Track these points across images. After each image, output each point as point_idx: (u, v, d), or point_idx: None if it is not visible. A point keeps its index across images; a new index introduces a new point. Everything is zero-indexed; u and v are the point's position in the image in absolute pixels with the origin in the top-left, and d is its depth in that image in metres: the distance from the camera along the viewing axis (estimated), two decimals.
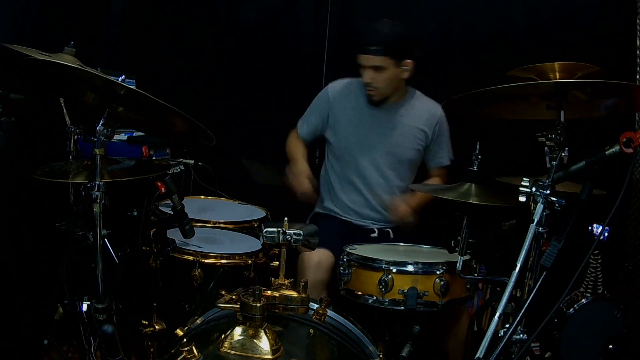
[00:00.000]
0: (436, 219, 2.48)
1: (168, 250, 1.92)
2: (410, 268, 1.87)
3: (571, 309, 2.12)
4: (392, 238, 2.40)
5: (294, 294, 1.43)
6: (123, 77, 1.52)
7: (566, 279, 1.40)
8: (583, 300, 2.15)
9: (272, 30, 3.12)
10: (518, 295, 1.60)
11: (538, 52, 2.54)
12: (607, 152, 1.47)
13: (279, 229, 1.47)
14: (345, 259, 1.96)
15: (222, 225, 2.30)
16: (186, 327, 1.57)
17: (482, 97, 1.63)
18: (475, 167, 1.89)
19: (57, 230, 1.92)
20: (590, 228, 2.05)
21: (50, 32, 2.57)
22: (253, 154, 3.17)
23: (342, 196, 2.49)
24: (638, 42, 2.44)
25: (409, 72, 2.32)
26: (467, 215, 1.84)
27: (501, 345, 1.35)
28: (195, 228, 1.90)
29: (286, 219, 1.49)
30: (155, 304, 1.74)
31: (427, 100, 2.46)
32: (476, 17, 2.84)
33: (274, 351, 1.34)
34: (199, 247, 2.01)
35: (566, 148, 1.50)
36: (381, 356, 1.53)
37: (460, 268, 1.83)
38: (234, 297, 1.46)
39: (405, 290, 1.84)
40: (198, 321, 1.61)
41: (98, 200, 1.54)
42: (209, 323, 1.58)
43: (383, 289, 1.85)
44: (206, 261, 1.97)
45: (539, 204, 1.43)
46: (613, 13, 2.60)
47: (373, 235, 2.42)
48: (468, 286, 1.94)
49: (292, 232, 1.47)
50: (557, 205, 1.43)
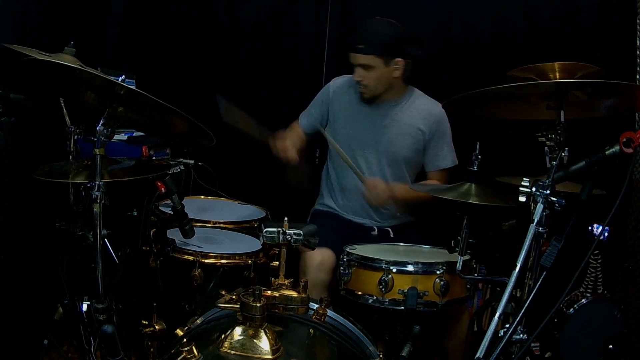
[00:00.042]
0: (436, 219, 2.49)
1: (168, 250, 1.92)
2: (410, 268, 1.87)
3: (571, 309, 2.12)
4: (392, 237, 2.40)
5: (294, 294, 1.43)
6: (123, 77, 1.52)
7: (566, 279, 1.40)
8: (583, 300, 2.15)
9: (272, 30, 3.12)
10: (518, 295, 1.59)
11: (538, 52, 2.54)
12: (607, 152, 1.47)
13: (279, 229, 1.47)
14: (345, 259, 1.96)
15: (222, 225, 2.30)
16: (186, 327, 1.57)
17: (482, 97, 1.62)
18: (475, 167, 1.89)
19: (57, 230, 1.92)
20: (590, 228, 2.05)
21: (50, 32, 2.57)
22: (253, 153, 3.18)
23: (341, 193, 2.50)
24: (638, 42, 2.44)
25: (401, 71, 2.31)
26: (467, 215, 1.84)
27: (501, 345, 1.35)
28: (195, 228, 1.90)
29: (286, 219, 1.50)
30: (155, 304, 1.74)
31: (427, 99, 2.45)
32: (476, 17, 2.83)
33: (274, 351, 1.34)
34: (199, 247, 2.01)
35: (566, 148, 1.50)
36: (381, 356, 1.53)
37: (460, 268, 1.83)
38: (234, 297, 1.46)
39: (405, 290, 1.84)
40: (198, 321, 1.61)
41: (98, 200, 1.54)
42: (209, 323, 1.58)
43: (383, 289, 1.85)
44: (206, 261, 1.97)
45: (539, 204, 1.43)
46: (613, 13, 2.60)
47: (373, 234, 2.42)
48: (468, 286, 1.94)
49: (292, 232, 1.47)
50: (557, 205, 1.43)
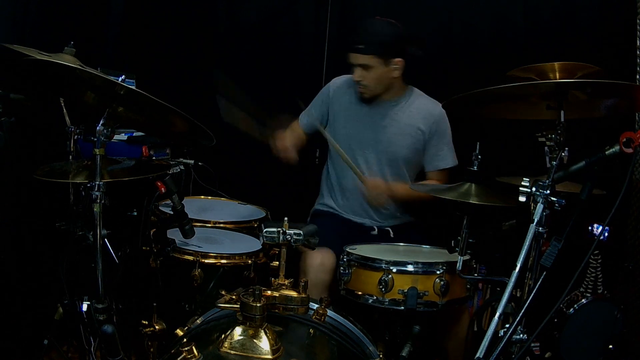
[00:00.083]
0: (436, 219, 2.48)
1: (168, 250, 1.92)
2: (410, 268, 1.87)
3: (571, 309, 2.12)
4: (392, 237, 2.40)
5: (294, 294, 1.43)
6: (123, 77, 1.52)
7: (566, 279, 1.40)
8: (583, 300, 2.15)
9: (272, 30, 3.12)
10: (518, 295, 1.59)
11: (538, 52, 2.54)
12: (607, 152, 1.47)
13: (279, 229, 1.47)
14: (345, 259, 1.96)
15: (222, 225, 2.30)
16: (186, 327, 1.57)
17: (482, 97, 1.62)
18: (475, 167, 1.89)
19: (57, 230, 1.92)
20: (590, 228, 2.05)
21: (50, 32, 2.58)
22: (253, 153, 3.18)
23: (341, 193, 2.50)
24: (638, 42, 2.44)
25: (400, 71, 2.31)
26: (467, 215, 1.84)
27: (501, 345, 1.35)
28: (195, 228, 1.90)
29: (286, 219, 1.50)
30: (155, 304, 1.74)
31: (427, 99, 2.44)
32: (476, 17, 2.83)
33: (274, 351, 1.34)
34: (199, 247, 2.01)
35: (566, 148, 1.50)
36: (381, 356, 1.53)
37: (460, 268, 1.83)
38: (234, 297, 1.46)
39: (405, 290, 1.84)
40: (198, 321, 1.61)
41: (98, 200, 1.54)
42: (209, 323, 1.58)
43: (383, 289, 1.85)
44: (206, 261, 1.97)
45: (539, 204, 1.43)
46: (613, 13, 2.60)
47: (373, 233, 2.42)
48: (468, 286, 1.94)
49: (292, 232, 1.47)
50: (557, 205, 1.43)
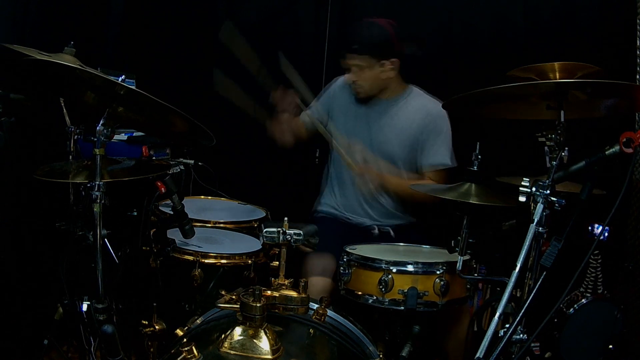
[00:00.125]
0: (436, 219, 2.48)
1: (168, 250, 1.92)
2: (410, 268, 1.87)
3: (571, 309, 2.12)
4: (392, 237, 2.40)
5: (294, 294, 1.43)
6: (123, 77, 1.52)
7: (566, 279, 1.40)
8: (583, 300, 2.15)
9: (272, 30, 3.12)
10: (518, 295, 1.59)
11: (538, 52, 2.54)
12: (607, 152, 1.47)
13: (279, 229, 1.47)
14: (345, 259, 1.95)
15: (222, 225, 2.30)
16: (186, 327, 1.57)
17: (482, 97, 1.62)
18: (475, 167, 1.89)
19: (57, 230, 1.92)
20: (590, 228, 2.05)
21: (50, 32, 2.58)
22: (253, 153, 3.18)
23: (339, 191, 2.51)
24: (638, 42, 2.44)
25: (394, 71, 2.31)
26: (467, 215, 1.84)
27: (501, 345, 1.35)
28: (195, 228, 1.90)
29: (286, 219, 1.50)
30: (155, 304, 1.74)
31: (426, 98, 2.42)
32: (476, 17, 2.83)
33: (274, 351, 1.34)
34: (199, 247, 2.01)
35: (566, 148, 1.50)
36: (381, 356, 1.53)
37: (460, 268, 1.83)
38: (234, 297, 1.46)
39: (405, 290, 1.83)
40: (198, 321, 1.61)
41: (98, 200, 1.53)
42: (209, 323, 1.58)
43: (383, 289, 1.84)
44: (206, 261, 1.97)
45: (539, 204, 1.43)
46: (613, 13, 2.60)
47: (374, 232, 2.42)
48: (468, 286, 1.93)
49: (292, 232, 1.47)
50: (557, 205, 1.43)
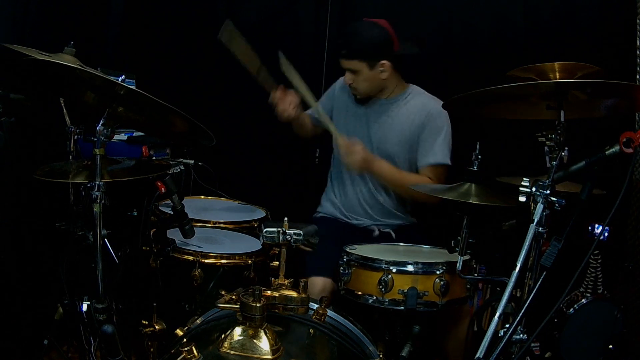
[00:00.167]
0: (436, 219, 2.48)
1: (168, 250, 1.92)
2: (410, 268, 1.87)
3: (571, 309, 2.12)
4: (394, 238, 2.40)
5: (294, 294, 1.43)
6: (123, 77, 1.52)
7: (566, 279, 1.40)
8: (583, 300, 2.15)
9: (272, 30, 3.12)
10: (518, 295, 1.59)
11: (538, 52, 2.54)
12: (607, 152, 1.47)
13: (279, 229, 1.47)
14: (345, 259, 1.95)
15: (222, 225, 2.30)
16: (186, 327, 1.57)
17: (482, 97, 1.62)
18: (475, 167, 1.89)
19: (57, 230, 1.92)
20: (590, 228, 2.05)
21: (50, 32, 2.58)
22: (253, 153, 3.18)
23: (339, 191, 2.51)
24: (638, 42, 2.43)
25: (388, 72, 2.31)
26: (467, 215, 1.84)
27: (501, 345, 1.35)
28: (195, 228, 1.90)
29: (286, 219, 1.50)
30: (155, 304, 1.74)
31: (426, 96, 2.42)
32: (476, 17, 2.83)
33: (274, 351, 1.34)
34: (199, 247, 2.01)
35: (566, 148, 1.50)
36: (381, 356, 1.53)
37: (460, 268, 1.83)
38: (234, 297, 1.46)
39: (405, 290, 1.83)
40: (198, 321, 1.61)
41: (98, 200, 1.54)
42: (209, 323, 1.58)
43: (383, 289, 1.84)
44: (206, 261, 1.97)
45: (539, 204, 1.43)
46: (613, 13, 2.60)
47: (374, 234, 2.42)
48: (468, 286, 1.93)
49: (292, 232, 1.47)
50: (557, 205, 1.43)
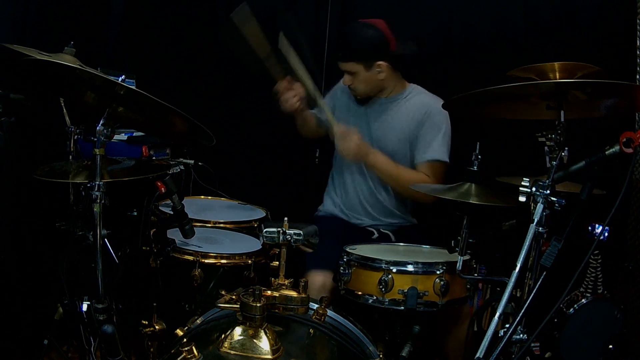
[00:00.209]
0: (436, 219, 2.48)
1: (168, 250, 1.92)
2: (410, 268, 1.87)
3: (571, 309, 2.12)
4: (393, 240, 2.39)
5: (294, 294, 1.43)
6: (123, 77, 1.52)
7: (566, 279, 1.40)
8: (583, 300, 2.15)
9: (272, 30, 3.11)
10: (518, 295, 1.59)
11: (538, 52, 2.54)
12: (607, 152, 1.47)
13: (279, 229, 1.47)
14: (345, 259, 1.95)
15: (222, 225, 2.30)
16: (186, 327, 1.57)
17: (482, 97, 1.62)
18: (475, 167, 1.89)
19: (57, 230, 1.92)
20: (590, 228, 2.05)
21: (50, 32, 2.58)
22: (253, 153, 3.18)
23: (339, 191, 2.52)
24: (638, 42, 2.43)
25: (385, 73, 2.32)
26: (467, 215, 1.84)
27: (501, 345, 1.35)
28: (195, 228, 1.90)
29: (286, 219, 1.50)
30: (155, 304, 1.74)
31: (427, 95, 2.42)
32: (476, 17, 2.83)
33: (274, 351, 1.34)
34: (199, 247, 2.01)
35: (566, 148, 1.50)
36: (381, 356, 1.53)
37: (460, 268, 1.82)
38: (234, 297, 1.46)
39: (405, 290, 1.83)
40: (198, 321, 1.61)
41: (98, 200, 1.54)
42: (209, 323, 1.58)
43: (383, 289, 1.84)
44: (206, 261, 1.97)
45: (539, 204, 1.43)
46: (613, 13, 2.60)
47: (373, 237, 2.42)
48: (468, 286, 1.93)
49: (292, 232, 1.47)
50: (557, 205, 1.43)
